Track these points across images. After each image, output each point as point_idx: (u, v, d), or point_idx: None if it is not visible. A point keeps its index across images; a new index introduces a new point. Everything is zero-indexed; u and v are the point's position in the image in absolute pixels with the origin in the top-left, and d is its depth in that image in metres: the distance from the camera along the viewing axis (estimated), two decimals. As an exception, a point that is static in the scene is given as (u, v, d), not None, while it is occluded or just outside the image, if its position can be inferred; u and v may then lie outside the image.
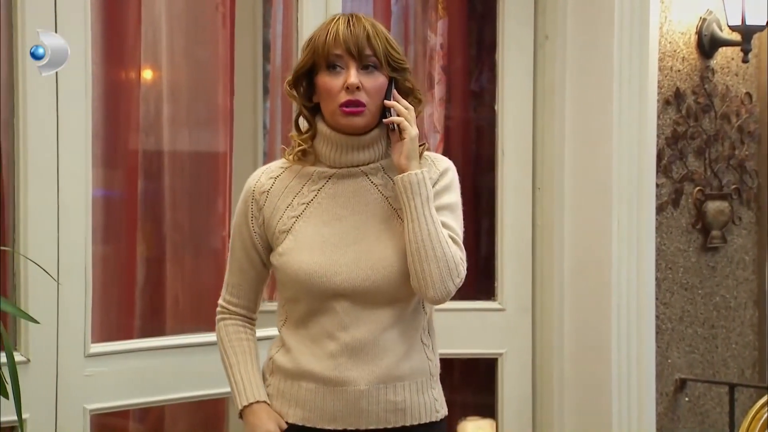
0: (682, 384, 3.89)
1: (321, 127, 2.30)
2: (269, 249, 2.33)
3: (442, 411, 2.37)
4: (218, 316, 2.44)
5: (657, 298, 3.77)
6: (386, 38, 2.26)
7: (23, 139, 2.79)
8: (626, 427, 3.65)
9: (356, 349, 2.24)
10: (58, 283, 2.78)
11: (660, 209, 3.79)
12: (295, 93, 2.31)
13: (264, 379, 2.36)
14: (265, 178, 2.35)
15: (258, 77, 3.85)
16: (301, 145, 2.31)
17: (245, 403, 2.31)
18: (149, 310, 3.56)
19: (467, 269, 2.29)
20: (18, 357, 2.74)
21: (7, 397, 2.38)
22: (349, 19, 2.26)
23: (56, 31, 2.80)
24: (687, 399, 3.91)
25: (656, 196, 3.75)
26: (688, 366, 3.92)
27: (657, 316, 3.77)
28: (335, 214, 2.28)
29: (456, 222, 2.29)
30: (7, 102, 2.84)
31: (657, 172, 3.75)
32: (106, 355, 2.96)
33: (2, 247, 2.79)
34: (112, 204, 3.45)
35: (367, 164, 2.30)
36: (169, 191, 3.59)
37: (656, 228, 3.76)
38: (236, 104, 3.69)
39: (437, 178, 2.30)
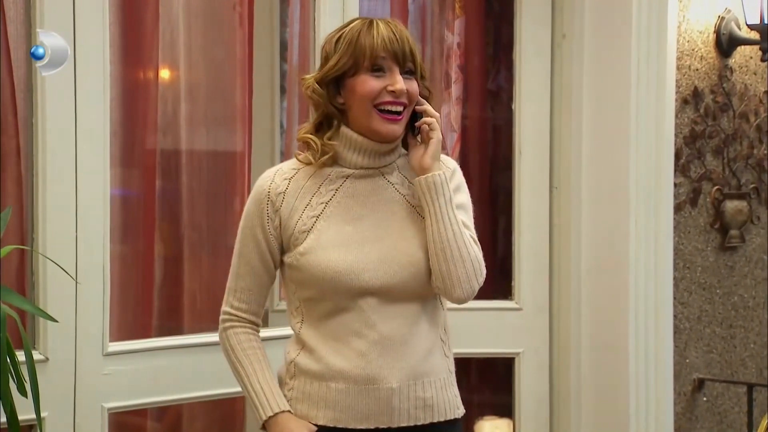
0: (700, 384, 3.88)
1: (345, 131, 2.29)
2: (282, 251, 2.32)
3: (462, 408, 2.38)
4: (224, 324, 2.37)
5: (675, 298, 3.76)
6: (414, 45, 2.28)
7: (42, 138, 2.80)
8: (644, 427, 3.64)
9: (385, 346, 2.24)
10: (76, 282, 2.79)
11: (678, 209, 3.78)
12: (324, 93, 2.28)
13: (284, 383, 2.34)
14: (279, 179, 2.32)
15: (275, 76, 3.86)
16: (326, 151, 2.29)
17: (270, 414, 2.28)
18: (167, 309, 3.57)
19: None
20: (37, 356, 2.75)
21: (25, 395, 2.39)
22: (387, 24, 2.27)
23: (74, 31, 2.81)
24: (705, 399, 3.90)
25: (674, 195, 3.74)
26: (706, 366, 3.90)
27: (675, 316, 3.76)
28: (356, 213, 2.28)
29: (471, 222, 2.32)
30: (25, 102, 2.85)
31: (675, 171, 3.74)
32: (124, 353, 2.97)
33: (21, 246, 2.81)
34: (130, 203, 3.47)
35: (386, 165, 2.33)
36: (187, 190, 3.60)
37: (674, 227, 3.75)
38: (253, 103, 3.70)
39: (449, 177, 2.31)
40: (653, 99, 3.63)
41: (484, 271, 2.26)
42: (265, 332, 3.39)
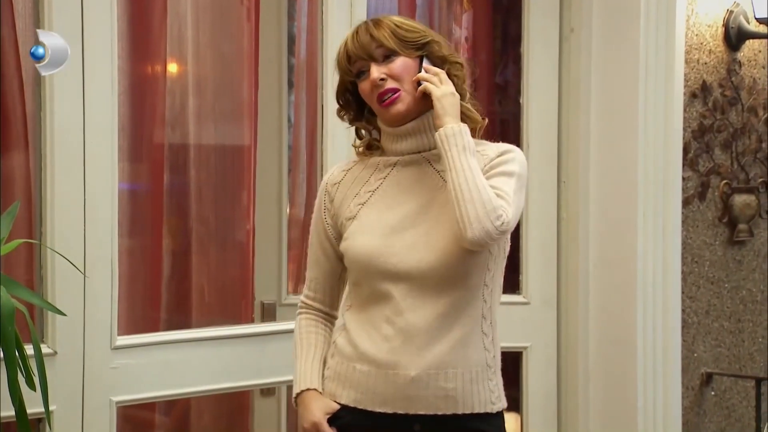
0: (708, 378, 3.87)
1: (380, 124, 2.40)
2: (341, 239, 2.40)
3: (499, 404, 2.37)
4: (298, 311, 2.50)
5: (683, 292, 3.76)
6: (395, 25, 2.33)
7: (50, 133, 2.81)
8: (652, 422, 3.64)
9: (410, 335, 2.27)
10: (84, 276, 2.79)
11: (686, 203, 3.78)
12: (344, 114, 2.44)
13: (326, 362, 2.42)
14: (337, 171, 2.46)
15: (283, 71, 3.86)
16: (366, 142, 2.43)
17: (297, 391, 2.39)
18: (175, 303, 3.58)
19: None
20: (45, 349, 2.76)
21: (34, 389, 2.40)
22: (354, 31, 2.35)
23: (83, 26, 2.82)
24: (713, 393, 3.90)
25: (682, 189, 3.73)
26: (714, 360, 3.90)
27: (683, 310, 3.76)
28: (398, 200, 2.35)
29: (507, 185, 2.28)
30: (34, 97, 2.86)
31: (683, 165, 3.73)
32: (133, 347, 2.98)
33: (30, 240, 2.81)
34: (138, 197, 3.47)
35: (429, 150, 2.36)
36: (195, 184, 3.60)
37: (682, 221, 3.74)
38: (261, 98, 3.70)
39: (494, 157, 2.33)
40: (661, 93, 3.63)
41: (504, 216, 2.21)
42: (272, 326, 3.42)
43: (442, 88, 2.29)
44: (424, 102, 2.32)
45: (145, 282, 3.48)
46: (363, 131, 2.45)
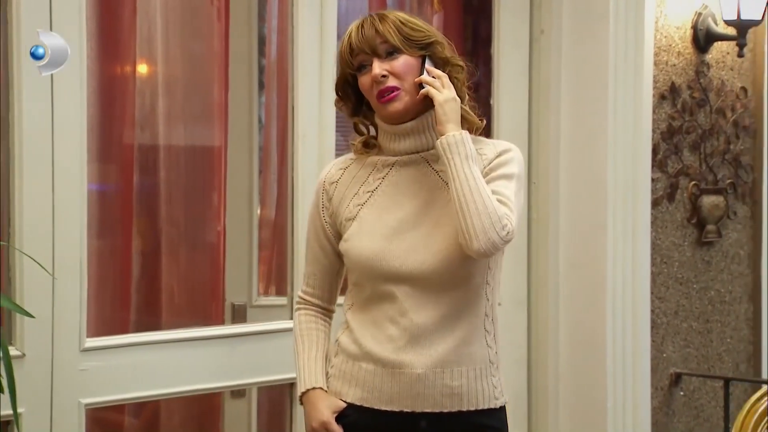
0: (677, 378, 3.89)
1: (377, 121, 2.39)
2: (339, 237, 2.41)
3: (502, 399, 2.40)
4: (295, 306, 2.51)
5: (652, 293, 3.78)
6: (400, 23, 2.32)
7: (18, 133, 2.79)
8: (621, 422, 3.65)
9: (415, 334, 2.28)
10: (53, 278, 2.77)
11: (655, 204, 3.80)
12: (343, 107, 2.42)
13: (329, 360, 2.43)
14: (335, 169, 2.44)
15: (253, 71, 3.85)
16: (364, 140, 2.41)
17: (303, 390, 2.39)
18: (145, 305, 3.56)
19: None
20: (13, 351, 2.74)
21: (2, 391, 2.38)
22: (360, 23, 2.34)
23: (51, 26, 2.80)
24: (682, 393, 3.92)
25: (651, 190, 3.76)
26: (683, 360, 3.92)
27: (652, 311, 3.78)
28: (397, 201, 2.34)
29: (507, 189, 2.29)
30: (2, 97, 2.83)
31: (652, 166, 3.75)
32: (102, 349, 2.96)
33: (-3, 242, 2.79)
34: (108, 198, 3.46)
35: (427, 150, 2.36)
36: (165, 185, 3.59)
37: (651, 222, 3.76)
38: (231, 98, 3.69)
39: (494, 157, 2.33)
40: (631, 94, 3.65)
41: (509, 226, 2.23)
42: (243, 328, 3.41)
43: (444, 93, 2.28)
44: (423, 102, 2.32)
45: (114, 283, 3.46)
46: (361, 126, 2.43)
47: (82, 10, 2.87)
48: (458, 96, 2.32)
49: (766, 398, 2.76)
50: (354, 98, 2.40)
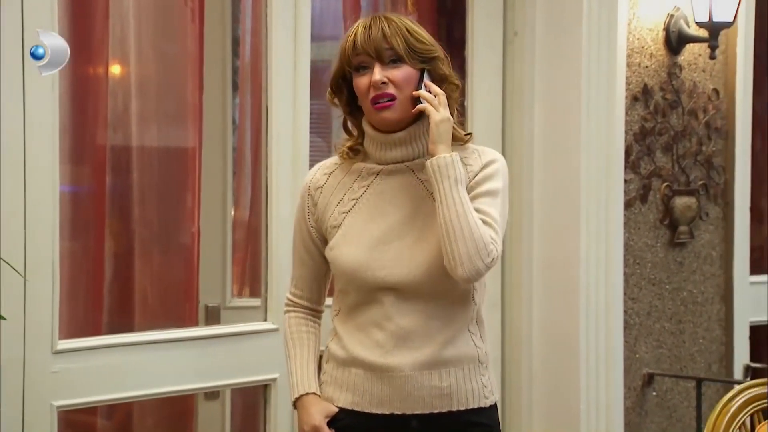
0: (649, 378, 3.91)
1: (365, 127, 2.38)
2: (325, 242, 2.41)
3: (492, 397, 2.41)
4: (285, 309, 2.51)
5: (625, 294, 3.79)
6: (407, 32, 2.32)
7: (-11, 134, 2.77)
8: (594, 422, 3.67)
9: (401, 338, 2.30)
10: (25, 280, 2.76)
11: (628, 205, 3.81)
12: (336, 101, 2.40)
13: (321, 367, 2.45)
14: (320, 174, 2.44)
15: (227, 72, 3.84)
16: (350, 145, 2.40)
17: (296, 395, 2.40)
18: (117, 306, 3.54)
19: None
20: (-16, 354, 2.72)
21: (-27, 394, 2.36)
22: (368, 23, 2.32)
23: (23, 25, 2.78)
24: (655, 393, 3.94)
25: (624, 191, 3.77)
26: (655, 361, 3.94)
27: (625, 311, 3.79)
28: (382, 210, 2.35)
29: (493, 208, 2.31)
30: (-27, 97, 2.81)
31: (625, 167, 3.77)
32: (74, 351, 2.95)
33: (-32, 243, 2.77)
34: (80, 200, 3.44)
35: (413, 160, 2.36)
36: (138, 187, 3.57)
37: (624, 224, 3.78)
38: (205, 99, 3.68)
39: (479, 169, 2.35)
40: (604, 96, 3.66)
41: (494, 252, 2.26)
42: (216, 329, 3.40)
43: (441, 112, 2.29)
44: (414, 113, 2.32)
45: (87, 285, 3.45)
46: (350, 125, 2.42)
47: (54, 10, 2.85)
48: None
49: (737, 398, 2.78)
50: (346, 95, 2.39)
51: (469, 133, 2.40)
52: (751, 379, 3.61)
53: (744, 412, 2.72)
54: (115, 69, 3.54)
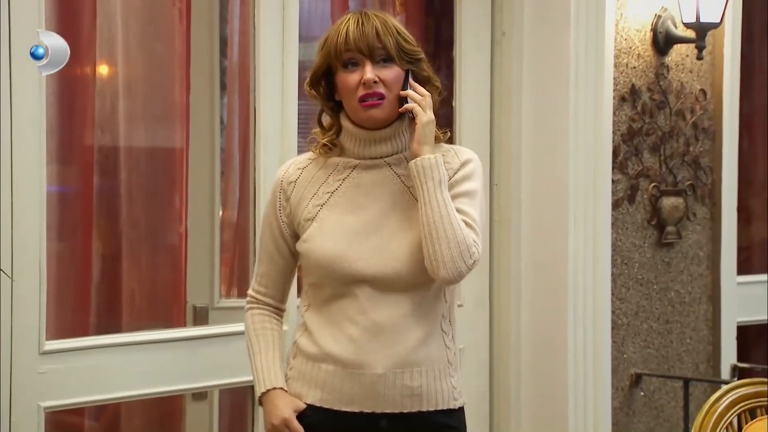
0: (637, 378, 3.92)
1: (344, 122, 2.37)
2: (296, 238, 2.40)
3: (461, 399, 2.41)
4: (247, 306, 2.49)
5: (613, 294, 3.80)
6: (397, 32, 2.32)
7: (-24, 134, 2.76)
8: (582, 422, 3.67)
9: (375, 333, 2.29)
10: (12, 280, 2.75)
11: (616, 205, 3.82)
12: (315, 93, 2.39)
13: (287, 362, 2.43)
14: (293, 169, 2.42)
15: (215, 72, 3.84)
16: (327, 143, 2.39)
17: (263, 390, 2.38)
18: (105, 307, 3.53)
19: None
20: (-29, 354, 2.71)
21: (-41, 395, 2.35)
22: (358, 19, 2.32)
23: (10, 26, 2.77)
24: (642, 393, 3.95)
25: (612, 192, 3.78)
26: (643, 361, 3.95)
27: (612, 311, 3.80)
28: (358, 203, 2.35)
29: (472, 208, 2.32)
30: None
31: (613, 168, 3.78)
32: (61, 352, 2.94)
33: (-45, 244, 2.76)
34: (67, 200, 3.43)
35: (391, 155, 2.36)
36: (125, 187, 3.56)
37: (612, 224, 3.78)
38: (193, 100, 3.67)
39: (458, 167, 2.36)
40: (591, 96, 3.67)
41: (476, 254, 2.27)
42: (204, 330, 3.40)
43: (428, 113, 2.30)
44: (397, 110, 2.33)
45: (74, 286, 3.44)
46: (328, 118, 2.41)
47: (41, 10, 2.85)
48: None
49: (725, 398, 2.78)
50: (325, 89, 2.38)
51: (446, 131, 2.41)
52: (739, 379, 3.62)
53: (731, 411, 2.73)
54: (103, 69, 3.53)
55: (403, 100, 2.31)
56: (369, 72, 2.29)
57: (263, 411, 2.40)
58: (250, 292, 2.49)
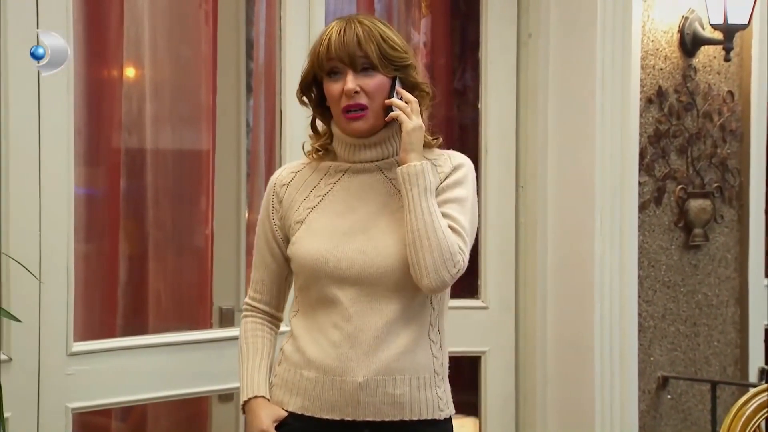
0: (664, 381, 3.90)
1: (334, 129, 2.37)
2: (288, 242, 2.39)
3: (447, 410, 2.38)
4: (243, 313, 2.49)
5: (639, 296, 3.78)
6: (381, 38, 2.29)
7: (5, 137, 2.78)
8: (609, 425, 3.66)
9: (358, 340, 2.27)
10: (40, 282, 2.77)
11: (642, 207, 3.80)
12: (306, 100, 2.39)
13: (273, 369, 2.42)
14: (286, 172, 2.43)
15: (241, 75, 3.84)
16: (318, 148, 2.39)
17: (244, 399, 2.37)
18: (131, 309, 3.55)
19: None
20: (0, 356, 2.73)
21: (-12, 396, 2.37)
22: (342, 27, 2.30)
23: (38, 28, 2.79)
24: (669, 396, 3.93)
25: (639, 194, 3.76)
26: (670, 363, 3.93)
27: (639, 314, 3.78)
28: (348, 206, 2.34)
29: (461, 214, 2.30)
30: (-12, 100, 2.82)
31: (639, 170, 3.76)
32: (89, 353, 2.96)
33: (-16, 246, 2.78)
34: (95, 202, 3.44)
35: (382, 159, 2.36)
36: (152, 189, 3.58)
37: (639, 226, 3.77)
38: (219, 102, 3.68)
39: (449, 172, 2.34)
40: (618, 98, 3.65)
41: (461, 262, 2.25)
42: (230, 332, 3.40)
43: (413, 120, 2.28)
44: (380, 119, 2.31)
45: (101, 287, 3.45)
46: (320, 124, 2.41)
47: (69, 12, 2.87)
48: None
49: (752, 402, 2.77)
50: (316, 95, 2.38)
51: (437, 138, 2.39)
52: (766, 382, 3.60)
53: (759, 415, 2.71)
54: (130, 72, 3.55)
55: (391, 108, 2.29)
56: (350, 82, 2.27)
57: (245, 420, 2.38)
58: (246, 299, 2.48)
